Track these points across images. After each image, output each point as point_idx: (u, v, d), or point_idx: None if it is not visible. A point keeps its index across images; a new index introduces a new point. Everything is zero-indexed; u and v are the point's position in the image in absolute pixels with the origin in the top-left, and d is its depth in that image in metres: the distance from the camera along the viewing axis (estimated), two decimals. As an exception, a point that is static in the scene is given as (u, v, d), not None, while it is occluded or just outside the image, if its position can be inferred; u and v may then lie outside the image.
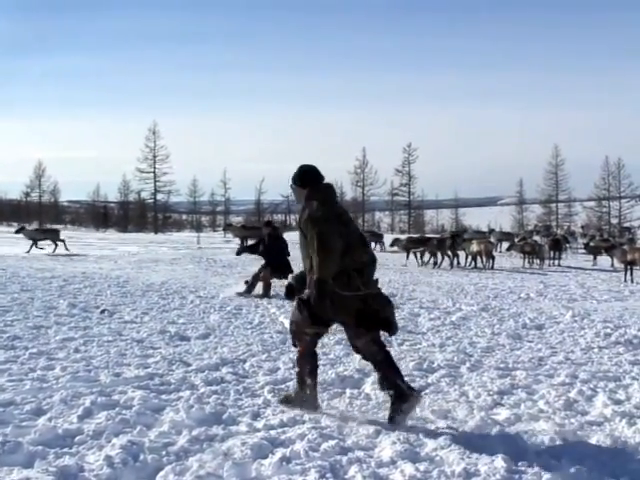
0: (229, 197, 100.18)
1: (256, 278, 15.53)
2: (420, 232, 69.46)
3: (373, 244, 37.08)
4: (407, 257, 29.83)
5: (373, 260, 6.39)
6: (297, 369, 6.54)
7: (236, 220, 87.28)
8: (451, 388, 7.25)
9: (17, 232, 36.63)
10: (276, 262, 15.65)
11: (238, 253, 18.40)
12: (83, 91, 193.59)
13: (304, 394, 6.38)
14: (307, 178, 6.44)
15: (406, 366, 8.18)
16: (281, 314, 12.36)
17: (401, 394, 5.98)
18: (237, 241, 34.47)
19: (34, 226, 50.82)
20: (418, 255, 29.08)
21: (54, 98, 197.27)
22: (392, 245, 31.05)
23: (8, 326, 10.15)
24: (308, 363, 6.47)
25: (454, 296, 16.42)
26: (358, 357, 8.54)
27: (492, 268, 26.97)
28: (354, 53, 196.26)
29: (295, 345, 6.59)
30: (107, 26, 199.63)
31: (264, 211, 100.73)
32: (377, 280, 6.46)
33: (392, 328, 6.37)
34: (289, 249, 16.26)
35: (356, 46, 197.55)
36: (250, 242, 34.39)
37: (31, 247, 32.50)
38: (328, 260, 5.94)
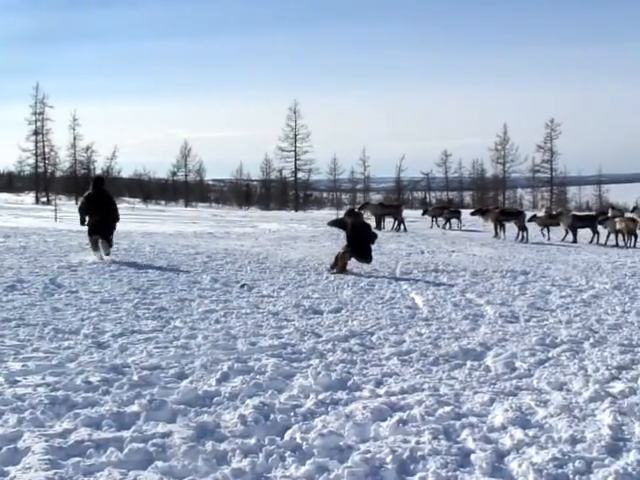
0: (369, 175, 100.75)
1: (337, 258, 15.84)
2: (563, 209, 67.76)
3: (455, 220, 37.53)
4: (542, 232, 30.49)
5: (100, 213, 16.56)
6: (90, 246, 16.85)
7: (375, 198, 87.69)
8: (571, 362, 7.40)
9: None
10: (358, 248, 15.84)
11: (331, 224, 18.75)
12: (227, 73, 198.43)
13: (93, 251, 16.52)
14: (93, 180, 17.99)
15: (529, 340, 8.40)
16: (412, 290, 12.71)
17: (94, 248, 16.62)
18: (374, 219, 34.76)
19: None
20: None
21: (199, 80, 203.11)
22: (530, 221, 30.89)
23: (156, 299, 10.92)
24: (91, 244, 16.66)
25: (589, 274, 16.27)
26: (482, 332, 8.89)
27: (634, 246, 26.44)
28: (499, 27, 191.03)
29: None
30: (251, 9, 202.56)
31: (404, 189, 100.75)
32: (105, 220, 16.57)
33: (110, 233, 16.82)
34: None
35: (501, 20, 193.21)
36: (388, 220, 35.01)
37: None
38: (79, 213, 17.04)
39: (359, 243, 15.85)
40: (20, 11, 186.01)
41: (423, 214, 40.18)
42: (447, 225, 37.02)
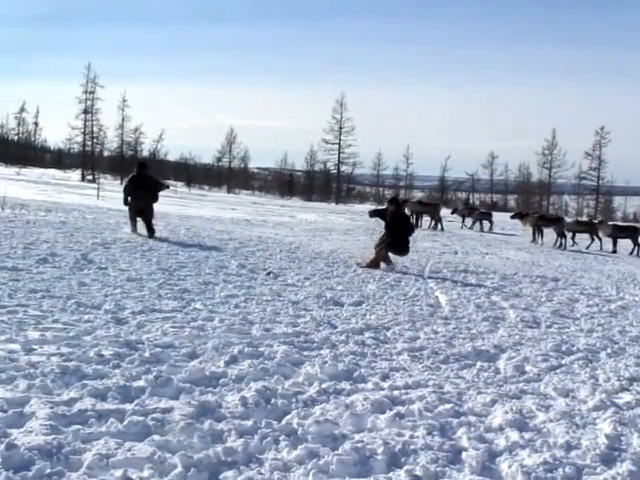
0: (412, 172, 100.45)
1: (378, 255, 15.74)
2: (608, 219, 66.65)
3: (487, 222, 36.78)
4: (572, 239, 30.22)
5: (142, 195, 17.89)
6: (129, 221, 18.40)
7: (419, 196, 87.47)
8: (582, 370, 7.38)
9: None
10: (396, 239, 15.73)
11: (371, 215, 18.20)
12: (275, 61, 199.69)
13: (131, 227, 18.04)
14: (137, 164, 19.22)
15: (544, 346, 8.39)
16: (438, 289, 12.73)
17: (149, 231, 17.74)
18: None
19: None
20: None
21: (250, 67, 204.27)
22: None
23: (181, 280, 11.09)
24: (130, 220, 18.08)
25: (621, 285, 16.17)
26: (499, 334, 8.89)
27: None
28: (553, 28, 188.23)
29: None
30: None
31: (448, 188, 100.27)
32: (146, 200, 17.92)
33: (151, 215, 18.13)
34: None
35: (556, 20, 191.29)
36: (425, 218, 34.95)
37: None
38: (123, 193, 18.54)
39: (398, 232, 15.72)
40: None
41: (452, 212, 39.88)
42: (477, 226, 36.81)
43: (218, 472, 4.26)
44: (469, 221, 37.68)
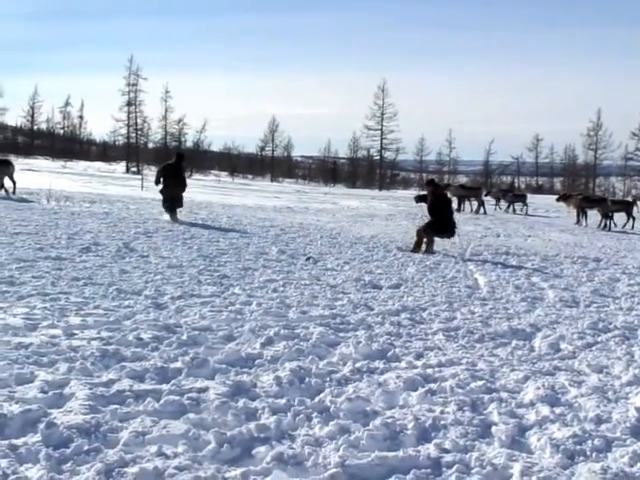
0: (456, 157, 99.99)
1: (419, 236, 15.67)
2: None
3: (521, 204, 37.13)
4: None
5: (175, 183, 18.87)
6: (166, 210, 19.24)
7: (463, 180, 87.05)
8: (618, 347, 7.35)
9: None
10: (438, 221, 15.50)
11: (417, 200, 17.76)
12: (317, 49, 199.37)
13: (170, 217, 18.63)
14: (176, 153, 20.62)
15: (581, 324, 8.36)
16: (477, 271, 12.72)
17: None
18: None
19: None
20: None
21: (290, 56, 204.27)
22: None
23: (221, 266, 11.24)
24: (168, 211, 18.91)
25: (666, 264, 15.96)
26: (536, 314, 8.89)
27: None
28: (590, 5, 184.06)
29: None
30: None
31: (492, 172, 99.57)
32: (178, 189, 19.01)
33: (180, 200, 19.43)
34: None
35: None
36: (467, 202, 34.82)
37: None
38: (156, 175, 19.59)
39: (439, 213, 15.57)
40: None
41: (486, 195, 39.56)
42: (510, 208, 36.60)
43: (251, 447, 4.36)
44: (503, 204, 37.50)
